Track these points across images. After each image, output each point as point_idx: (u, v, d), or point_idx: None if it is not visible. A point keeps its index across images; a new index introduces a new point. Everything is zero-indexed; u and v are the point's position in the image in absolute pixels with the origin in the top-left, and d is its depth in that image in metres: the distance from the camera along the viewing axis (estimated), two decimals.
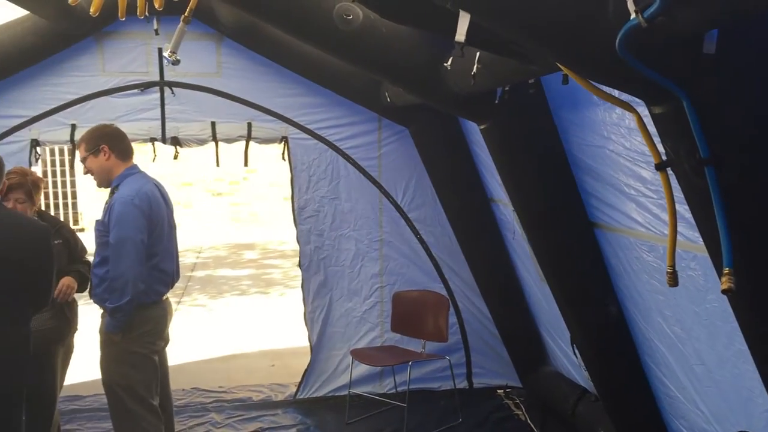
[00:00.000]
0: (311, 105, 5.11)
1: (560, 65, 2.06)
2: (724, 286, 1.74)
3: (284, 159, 5.21)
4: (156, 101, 4.95)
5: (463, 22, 2.12)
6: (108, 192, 3.78)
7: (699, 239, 2.21)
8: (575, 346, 4.11)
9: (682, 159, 1.87)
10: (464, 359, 5.45)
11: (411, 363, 4.89)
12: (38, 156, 4.90)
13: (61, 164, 14.37)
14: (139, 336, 3.66)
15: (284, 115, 5.08)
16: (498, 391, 5.47)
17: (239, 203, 15.73)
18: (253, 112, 5.04)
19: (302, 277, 5.33)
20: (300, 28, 3.34)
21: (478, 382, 5.49)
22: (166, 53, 2.92)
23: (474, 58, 2.78)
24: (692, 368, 3.12)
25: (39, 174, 4.37)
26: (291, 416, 5.14)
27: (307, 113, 5.11)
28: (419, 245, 5.33)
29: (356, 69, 4.26)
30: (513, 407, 5.24)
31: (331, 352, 5.38)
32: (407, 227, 5.30)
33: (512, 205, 4.03)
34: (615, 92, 2.13)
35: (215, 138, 5.03)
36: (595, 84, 2.01)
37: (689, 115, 1.72)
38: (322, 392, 5.36)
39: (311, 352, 5.38)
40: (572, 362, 4.46)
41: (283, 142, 5.14)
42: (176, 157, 5.11)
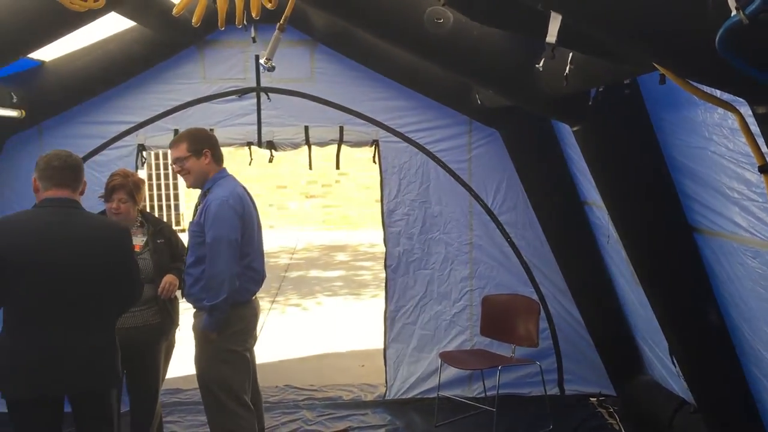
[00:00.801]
0: (402, 108, 5.16)
1: (657, 65, 2.00)
2: None
3: (375, 162, 5.28)
4: (252, 107, 5.13)
5: (554, 23, 2.10)
6: (199, 194, 3.90)
7: None
8: (674, 357, 3.96)
9: None
10: (555, 365, 5.34)
11: (500, 367, 4.85)
12: (144, 160, 5.18)
13: (165, 168, 15.04)
14: (233, 334, 3.78)
15: (375, 119, 5.16)
16: (591, 399, 5.33)
17: (331, 205, 16.02)
18: (345, 116, 5.14)
19: (387, 277, 5.38)
20: (392, 33, 3.39)
21: (570, 389, 5.37)
22: (262, 60, 3.01)
23: (566, 59, 2.74)
24: None
25: (144, 177, 4.60)
26: (380, 416, 5.19)
27: (398, 116, 5.17)
28: (510, 249, 5.27)
29: (447, 72, 4.27)
30: (606, 416, 5.09)
31: (421, 354, 5.40)
32: (497, 230, 5.26)
33: (606, 209, 3.93)
34: (716, 92, 2.05)
35: (308, 142, 5.17)
36: (695, 84, 1.95)
37: None
38: (411, 394, 5.38)
39: (384, 350, 5.40)
40: (670, 371, 4.30)
41: (374, 146, 5.22)
42: (271, 161, 5.29)
